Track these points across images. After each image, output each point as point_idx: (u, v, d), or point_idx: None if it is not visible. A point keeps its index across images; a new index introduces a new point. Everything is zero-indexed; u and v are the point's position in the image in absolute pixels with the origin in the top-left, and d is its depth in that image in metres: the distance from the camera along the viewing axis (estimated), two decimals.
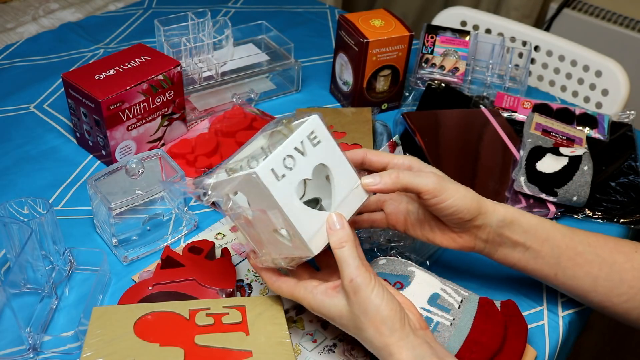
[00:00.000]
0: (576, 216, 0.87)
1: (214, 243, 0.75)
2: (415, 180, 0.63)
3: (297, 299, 0.63)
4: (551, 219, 0.87)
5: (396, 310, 0.58)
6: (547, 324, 0.74)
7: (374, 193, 0.68)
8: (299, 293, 0.62)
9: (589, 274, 0.69)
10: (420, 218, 0.70)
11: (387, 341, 0.57)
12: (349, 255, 0.59)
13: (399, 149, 0.87)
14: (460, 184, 0.66)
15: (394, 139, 0.86)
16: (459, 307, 0.68)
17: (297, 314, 0.72)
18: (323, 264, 0.69)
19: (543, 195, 0.86)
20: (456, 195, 0.64)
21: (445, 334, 0.65)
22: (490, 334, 0.65)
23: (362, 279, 0.58)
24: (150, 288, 0.68)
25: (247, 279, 0.76)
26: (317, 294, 0.61)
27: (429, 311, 0.67)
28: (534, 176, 0.86)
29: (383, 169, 0.66)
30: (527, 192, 0.86)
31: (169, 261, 0.71)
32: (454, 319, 0.66)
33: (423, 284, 0.70)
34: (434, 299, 0.68)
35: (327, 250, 0.62)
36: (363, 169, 0.68)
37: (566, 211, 0.87)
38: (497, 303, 0.69)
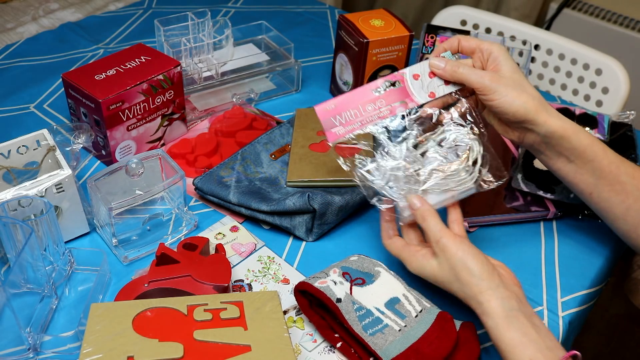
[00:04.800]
0: (577, 216, 0.87)
1: (208, 239, 0.75)
2: (470, 76, 0.73)
3: (402, 259, 0.72)
4: (551, 219, 0.87)
5: (483, 263, 0.66)
6: (547, 324, 0.74)
7: None
8: (404, 254, 0.71)
9: (623, 202, 0.73)
10: None
11: (476, 290, 0.64)
12: (432, 224, 0.68)
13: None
14: (519, 87, 0.72)
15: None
16: (415, 317, 0.68)
17: (297, 314, 0.72)
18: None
19: (540, 193, 0.86)
20: (503, 99, 0.71)
21: (389, 337, 0.65)
22: (435, 347, 0.65)
23: (447, 239, 0.67)
24: (146, 285, 0.69)
25: (247, 279, 0.76)
26: (418, 257, 0.70)
27: (382, 312, 0.67)
28: (531, 174, 0.87)
29: (473, 53, 0.76)
30: (525, 189, 0.86)
31: (163, 258, 0.72)
32: (405, 326, 0.66)
33: (385, 286, 0.70)
34: (392, 303, 0.68)
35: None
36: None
37: (567, 211, 0.87)
38: (458, 323, 0.69)
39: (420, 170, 0.73)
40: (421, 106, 0.76)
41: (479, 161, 0.74)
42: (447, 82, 0.77)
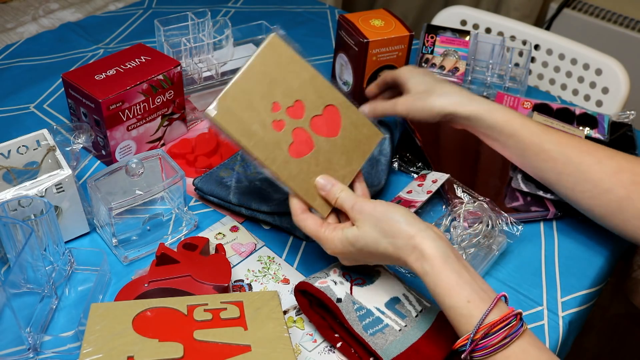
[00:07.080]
0: (577, 216, 0.87)
1: (208, 239, 0.75)
2: (386, 110, 0.85)
3: (319, 238, 0.68)
4: (551, 219, 0.87)
5: (406, 210, 0.64)
6: (547, 324, 0.74)
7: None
8: (320, 232, 0.67)
9: (553, 169, 0.77)
10: None
11: (406, 235, 0.61)
12: (344, 195, 0.68)
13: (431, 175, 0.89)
14: (427, 95, 0.81)
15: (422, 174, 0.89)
16: (416, 316, 0.68)
17: (297, 314, 0.72)
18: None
19: (540, 193, 0.86)
20: (420, 114, 0.81)
21: (389, 337, 0.65)
22: (436, 347, 0.65)
23: (361, 201, 0.66)
24: (146, 285, 0.69)
25: (247, 279, 0.76)
26: (338, 231, 0.66)
27: (383, 312, 0.67)
28: None
29: (395, 84, 0.87)
30: (525, 189, 0.86)
31: (163, 258, 0.72)
32: (405, 326, 0.66)
33: (386, 286, 0.70)
34: (392, 303, 0.68)
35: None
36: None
37: (567, 211, 0.87)
38: None
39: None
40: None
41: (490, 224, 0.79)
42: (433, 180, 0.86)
